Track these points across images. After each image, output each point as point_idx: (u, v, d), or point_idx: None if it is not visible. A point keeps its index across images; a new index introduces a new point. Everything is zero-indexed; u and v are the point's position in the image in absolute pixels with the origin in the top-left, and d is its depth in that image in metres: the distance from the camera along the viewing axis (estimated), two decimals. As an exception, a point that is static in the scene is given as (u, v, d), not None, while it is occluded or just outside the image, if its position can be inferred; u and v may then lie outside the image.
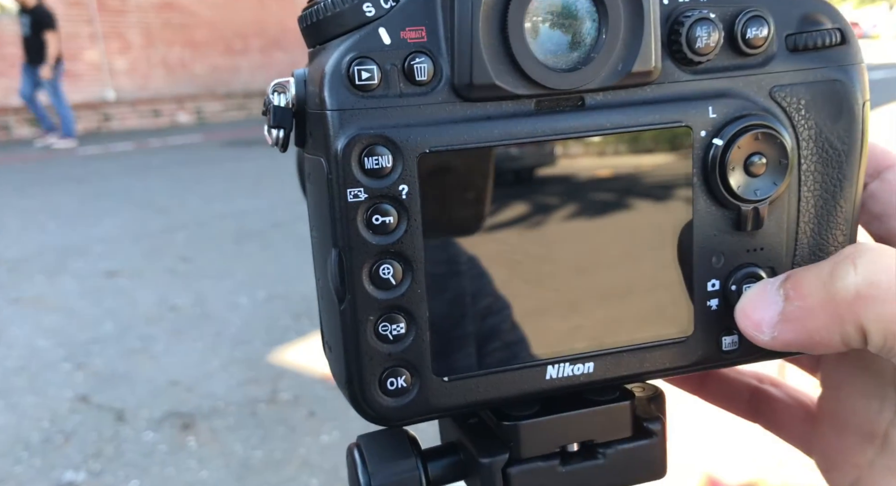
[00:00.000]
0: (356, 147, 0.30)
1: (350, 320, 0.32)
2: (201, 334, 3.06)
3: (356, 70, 0.30)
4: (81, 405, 2.49)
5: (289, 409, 2.41)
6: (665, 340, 0.35)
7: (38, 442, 2.25)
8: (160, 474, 2.08)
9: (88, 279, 3.84)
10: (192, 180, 6.50)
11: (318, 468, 2.08)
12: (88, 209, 5.49)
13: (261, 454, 2.15)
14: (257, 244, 4.37)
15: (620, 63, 0.32)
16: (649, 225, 0.34)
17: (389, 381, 0.32)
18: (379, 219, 0.31)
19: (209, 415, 2.39)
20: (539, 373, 0.34)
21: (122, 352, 2.91)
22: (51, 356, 2.88)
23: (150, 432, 2.30)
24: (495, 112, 0.32)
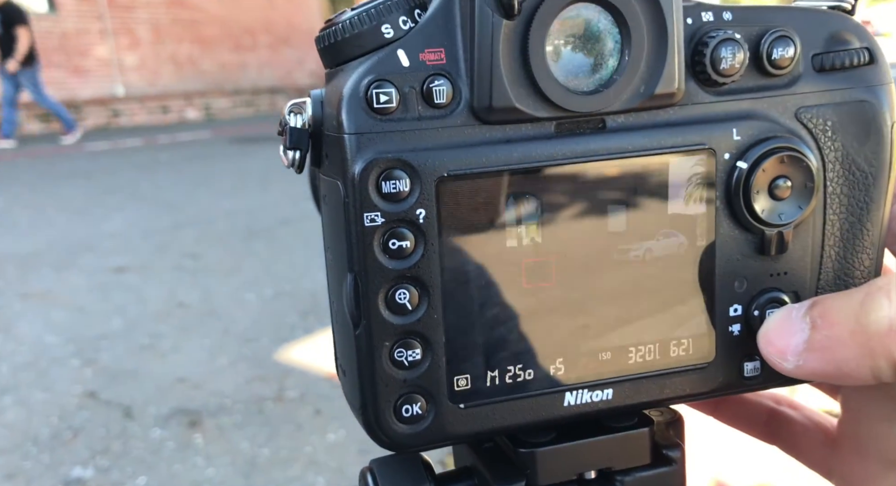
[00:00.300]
0: (374, 171, 0.30)
1: (365, 345, 0.31)
2: (209, 331, 3.07)
3: (374, 93, 0.30)
4: (90, 401, 2.50)
5: (295, 407, 2.42)
6: (686, 365, 0.35)
7: (47, 438, 2.27)
8: (167, 471, 2.09)
9: (97, 275, 3.86)
10: (200, 177, 6.52)
11: (324, 466, 2.08)
12: (97, 205, 5.51)
13: (267, 452, 2.16)
14: (265, 241, 4.38)
15: (643, 85, 0.32)
16: (671, 249, 0.33)
17: (405, 408, 0.32)
18: (396, 243, 0.30)
19: (216, 412, 2.39)
20: (557, 400, 0.33)
21: (131, 348, 2.92)
22: (59, 352, 2.89)
23: (157, 429, 2.31)
24: (515, 135, 0.31)
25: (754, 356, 0.35)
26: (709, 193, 0.33)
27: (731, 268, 0.34)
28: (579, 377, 0.33)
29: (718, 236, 0.34)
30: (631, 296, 0.33)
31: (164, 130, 10.24)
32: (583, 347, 0.33)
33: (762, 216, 0.33)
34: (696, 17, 0.33)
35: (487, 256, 0.32)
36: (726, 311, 0.35)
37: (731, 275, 0.34)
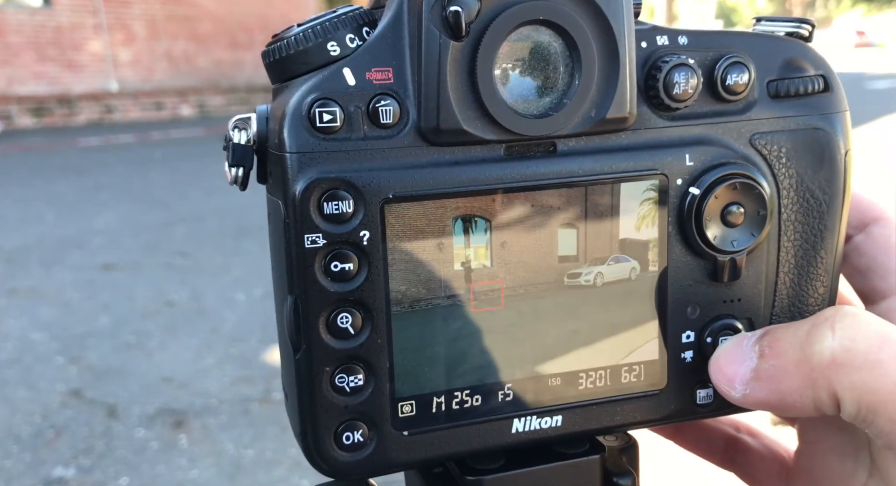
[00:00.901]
0: (315, 191, 0.29)
1: (305, 370, 0.31)
2: (196, 330, 3.05)
3: (317, 111, 0.29)
4: (74, 399, 2.48)
5: (281, 409, 2.39)
6: (637, 392, 0.34)
7: (29, 436, 2.24)
8: (151, 472, 2.07)
9: (85, 272, 3.83)
10: (192, 174, 6.49)
11: (308, 469, 2.06)
12: (88, 201, 5.48)
13: (252, 454, 2.14)
14: (256, 241, 4.36)
15: (594, 109, 0.31)
16: (622, 274, 0.33)
17: (346, 435, 0.31)
18: (338, 266, 0.30)
19: (202, 413, 2.38)
20: (504, 426, 0.33)
21: (117, 347, 2.90)
22: (44, 349, 2.87)
23: (141, 428, 2.29)
24: (463, 157, 0.31)
25: (707, 383, 0.35)
26: (661, 218, 0.33)
27: (684, 294, 0.34)
28: (528, 404, 0.33)
29: (671, 262, 0.33)
30: (581, 321, 0.33)
31: (158, 126, 10.20)
32: (532, 372, 0.33)
33: (714, 243, 0.33)
34: (651, 41, 0.32)
35: (434, 279, 0.31)
36: (679, 337, 0.34)
37: (684, 301, 0.34)
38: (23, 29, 9.95)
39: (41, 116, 10.13)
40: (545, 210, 0.32)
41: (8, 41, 9.84)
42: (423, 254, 0.31)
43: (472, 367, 0.32)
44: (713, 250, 0.33)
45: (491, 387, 0.32)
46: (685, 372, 0.35)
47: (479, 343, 0.32)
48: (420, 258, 0.31)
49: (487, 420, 0.32)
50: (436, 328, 0.31)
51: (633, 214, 0.33)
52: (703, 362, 0.34)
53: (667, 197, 0.33)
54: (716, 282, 0.34)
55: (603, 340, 0.33)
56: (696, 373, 0.35)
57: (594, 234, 0.32)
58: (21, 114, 10.05)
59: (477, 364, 0.32)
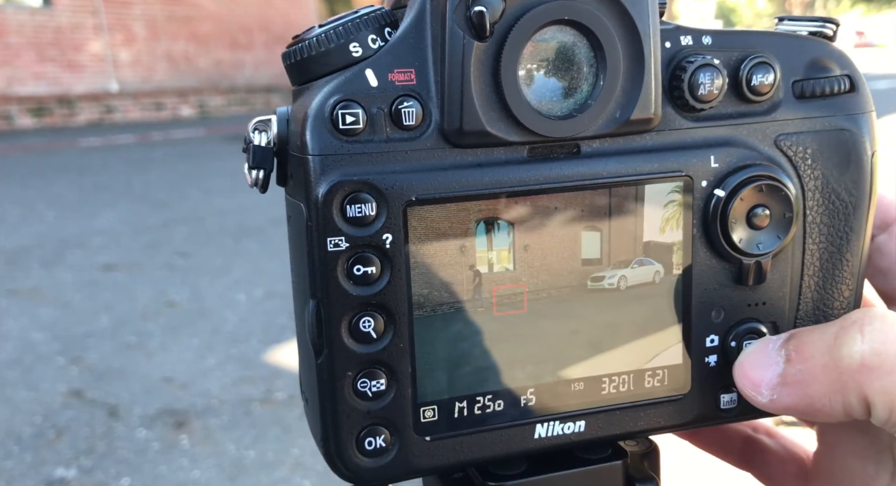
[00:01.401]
0: (338, 194, 0.29)
1: (327, 374, 0.30)
2: (197, 330, 3.05)
3: (340, 114, 0.29)
4: (75, 399, 2.48)
5: (283, 409, 2.40)
6: (661, 397, 0.34)
7: (30, 437, 2.24)
8: (152, 472, 2.07)
9: (86, 272, 3.83)
10: (192, 175, 6.49)
11: (311, 469, 2.07)
12: (88, 201, 5.48)
13: (254, 455, 2.14)
14: (256, 241, 4.36)
15: (619, 110, 0.31)
16: (646, 277, 0.33)
17: (368, 440, 0.31)
18: (360, 269, 0.29)
19: (203, 413, 2.37)
20: (527, 432, 0.33)
21: (118, 347, 2.89)
22: (45, 350, 2.87)
23: (142, 429, 2.29)
24: (486, 159, 0.31)
25: (731, 388, 0.34)
26: (685, 220, 0.33)
27: (708, 297, 0.34)
28: (551, 409, 0.33)
29: (695, 265, 0.33)
30: (604, 325, 0.33)
31: (158, 127, 10.19)
32: (555, 377, 0.32)
33: (740, 246, 0.33)
34: (675, 41, 0.32)
35: (457, 283, 0.31)
36: (703, 341, 0.34)
37: (708, 304, 0.34)
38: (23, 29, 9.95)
39: (41, 116, 10.12)
40: (568, 212, 0.31)
41: (8, 41, 9.84)
42: (446, 257, 0.30)
43: (494, 372, 0.32)
44: (738, 252, 0.33)
45: (513, 392, 0.32)
46: (709, 376, 0.34)
47: (502, 348, 0.32)
48: (442, 262, 0.30)
49: (510, 425, 0.32)
50: (458, 332, 0.31)
51: (657, 217, 0.32)
52: (727, 366, 0.34)
53: (691, 199, 0.32)
54: (740, 285, 0.34)
55: (626, 344, 0.33)
56: (721, 377, 0.34)
57: (618, 236, 0.32)
58: (21, 114, 10.05)
59: (499, 369, 0.32)
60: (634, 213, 0.32)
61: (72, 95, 10.46)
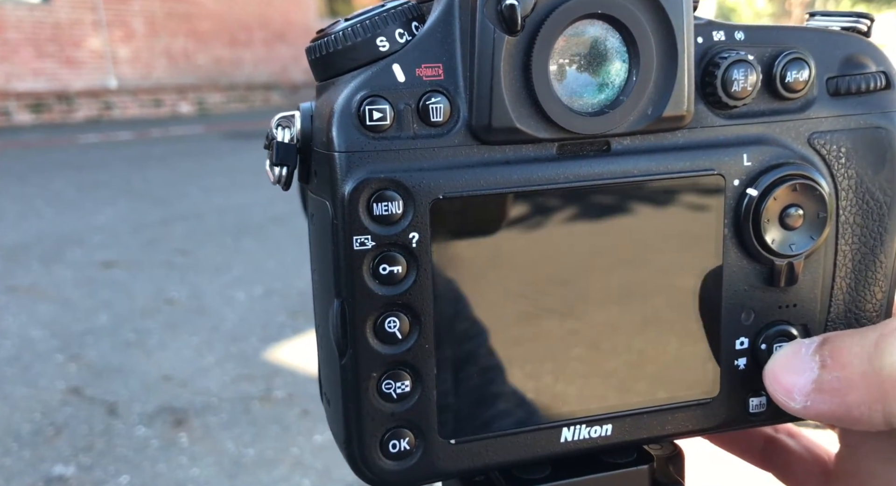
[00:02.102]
0: (364, 192, 0.28)
1: (351, 375, 0.30)
2: (196, 328, 3.04)
3: (367, 110, 0.28)
4: (73, 397, 2.47)
5: (282, 407, 2.40)
6: (688, 401, 0.33)
7: (29, 434, 2.24)
8: (151, 470, 2.06)
9: (85, 269, 3.82)
10: (191, 172, 6.48)
11: (310, 468, 2.07)
12: (87, 198, 5.46)
13: (253, 453, 2.14)
14: (255, 239, 4.35)
15: (651, 107, 0.30)
16: (674, 279, 0.32)
17: (392, 443, 0.30)
18: (386, 269, 0.29)
19: (202, 411, 2.37)
20: (553, 435, 0.32)
21: (117, 345, 2.89)
22: (44, 347, 2.86)
23: (141, 427, 2.28)
24: (514, 156, 0.30)
25: (760, 392, 0.34)
26: (717, 220, 0.32)
27: (738, 299, 0.33)
28: (578, 412, 0.32)
29: (726, 266, 0.32)
30: (633, 326, 0.32)
31: (157, 123, 10.17)
32: (581, 379, 0.32)
33: (772, 246, 0.32)
34: (707, 36, 0.31)
35: (484, 282, 0.30)
36: (732, 344, 0.33)
37: (738, 306, 0.33)
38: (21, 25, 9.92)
39: (40, 112, 10.10)
40: (598, 212, 0.31)
41: (6, 37, 9.81)
42: (473, 256, 0.30)
43: (520, 373, 0.31)
44: (770, 253, 0.32)
45: (540, 395, 0.32)
46: (738, 380, 0.34)
47: (529, 349, 0.31)
48: (469, 261, 0.30)
49: (536, 429, 0.32)
50: (484, 334, 0.30)
51: (687, 216, 0.32)
52: (756, 369, 0.33)
53: (723, 198, 0.32)
54: (771, 286, 0.33)
55: (655, 345, 0.32)
56: (750, 381, 0.34)
57: (648, 236, 0.31)
58: (19, 110, 10.02)
59: (525, 371, 0.31)
60: (665, 212, 0.31)
61: (70, 92, 10.43)
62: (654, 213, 0.31)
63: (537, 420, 0.32)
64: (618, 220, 0.31)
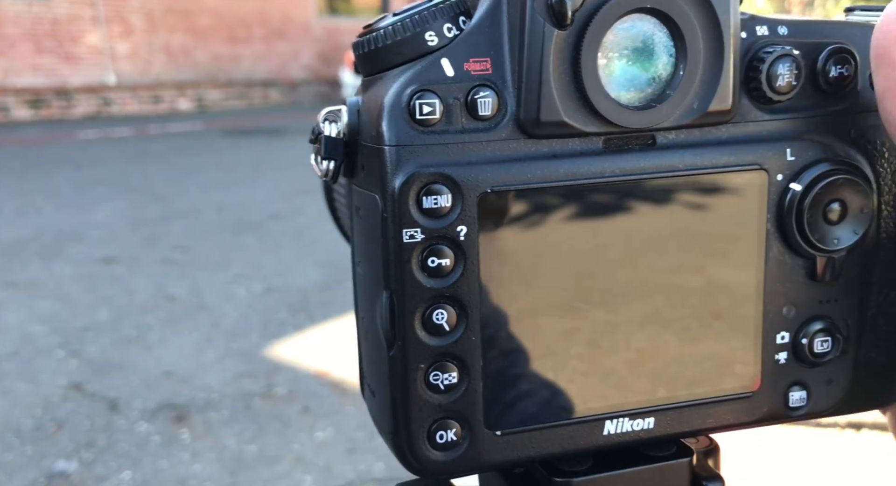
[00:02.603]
0: (414, 185, 0.29)
1: (399, 367, 0.30)
2: (197, 324, 3.04)
3: (417, 104, 0.29)
4: (74, 393, 2.47)
5: (283, 404, 2.40)
6: (729, 394, 0.33)
7: (30, 430, 2.24)
8: (153, 466, 2.07)
9: (84, 265, 3.82)
10: (190, 169, 6.47)
11: (311, 465, 2.07)
12: (86, 194, 5.45)
13: (254, 449, 2.14)
14: (255, 235, 4.35)
15: (696, 101, 0.30)
16: (717, 273, 0.32)
17: (439, 434, 0.31)
18: (435, 261, 0.29)
19: (203, 408, 2.37)
20: (597, 428, 0.32)
21: (117, 340, 2.89)
22: (44, 343, 2.86)
23: (143, 423, 2.28)
24: (561, 150, 0.30)
25: (800, 385, 0.34)
26: (760, 215, 0.32)
27: (780, 293, 0.33)
28: (621, 405, 0.32)
29: (768, 260, 0.33)
30: (676, 320, 0.32)
31: (156, 120, 10.16)
32: (624, 372, 0.32)
33: (814, 241, 0.32)
34: (751, 31, 0.31)
35: (530, 276, 0.30)
36: (773, 338, 0.33)
37: (780, 300, 0.33)
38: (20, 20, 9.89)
39: (38, 108, 10.07)
40: (643, 205, 0.31)
41: (5, 32, 9.78)
42: (519, 250, 0.30)
43: (565, 366, 0.32)
44: (813, 248, 0.32)
45: (584, 387, 0.32)
46: (779, 374, 0.34)
47: (574, 343, 0.31)
48: (515, 254, 0.30)
49: (580, 421, 0.32)
50: (529, 326, 0.31)
51: (731, 210, 0.32)
52: (797, 363, 0.34)
53: (766, 193, 0.32)
54: (814, 281, 0.33)
55: (697, 339, 0.33)
56: (790, 374, 0.34)
57: (691, 230, 0.32)
58: (18, 106, 9.99)
59: (571, 364, 0.32)
60: (708, 206, 0.32)
61: (69, 88, 10.40)
62: (698, 206, 0.32)
63: (581, 413, 0.32)
64: (662, 213, 0.31)
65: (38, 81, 10.14)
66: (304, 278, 3.59)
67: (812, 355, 0.34)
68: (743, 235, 0.32)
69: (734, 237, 0.32)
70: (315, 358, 2.71)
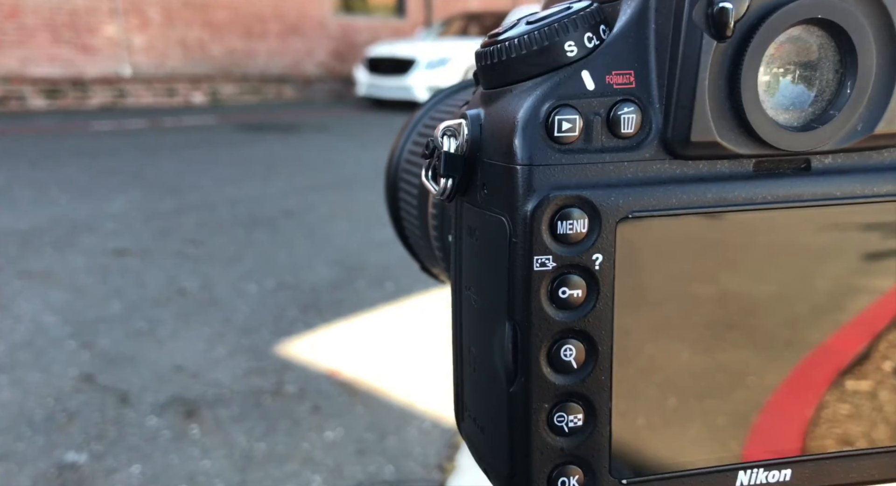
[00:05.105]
0: (549, 209, 0.26)
1: (521, 405, 0.28)
2: (208, 319, 3.04)
3: (556, 120, 0.26)
4: (86, 384, 2.48)
5: (294, 402, 2.40)
6: (878, 448, 0.31)
7: (42, 420, 2.24)
8: (162, 461, 2.07)
9: (97, 257, 3.83)
10: (204, 162, 6.48)
11: (321, 464, 2.06)
12: (100, 185, 5.48)
13: (264, 447, 2.14)
14: (267, 231, 4.36)
15: (861, 123, 0.27)
16: (872, 313, 0.29)
17: (561, 480, 0.28)
18: (566, 292, 0.27)
19: (213, 404, 2.37)
20: (729, 479, 0.30)
21: (129, 333, 2.90)
22: (57, 333, 2.87)
23: (153, 417, 2.29)
24: (709, 173, 0.27)
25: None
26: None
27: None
28: (757, 455, 0.30)
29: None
30: (821, 369, 0.30)
31: (170, 113, 10.18)
32: (764, 420, 0.30)
33: None
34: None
35: (668, 311, 0.28)
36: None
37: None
38: (39, 10, 9.95)
39: (54, 98, 10.13)
40: (796, 236, 0.28)
41: (23, 22, 9.84)
42: (658, 281, 0.28)
43: (701, 412, 0.29)
44: None
45: (719, 435, 0.29)
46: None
47: (712, 386, 0.29)
48: (654, 286, 0.28)
49: (712, 471, 0.29)
50: (665, 367, 0.28)
51: (889, 244, 0.29)
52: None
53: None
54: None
55: (846, 384, 0.30)
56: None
57: (849, 265, 0.29)
58: (34, 95, 10.05)
59: (707, 409, 0.29)
60: (866, 238, 0.29)
61: (85, 79, 10.46)
62: (853, 239, 0.29)
63: (713, 462, 0.30)
64: (817, 246, 0.29)
65: (55, 72, 10.20)
66: (316, 276, 3.59)
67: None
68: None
69: (892, 275, 0.29)
70: (326, 357, 2.71)
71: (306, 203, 4.92)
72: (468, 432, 0.33)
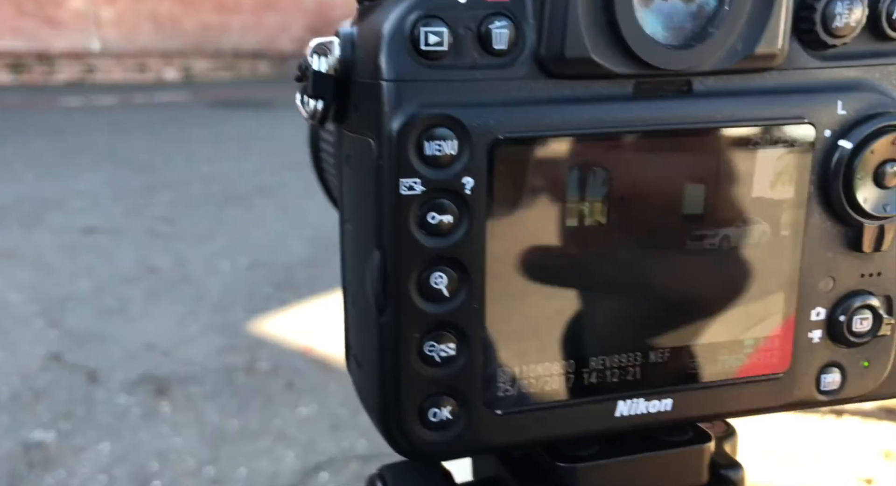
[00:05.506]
0: (415, 128, 0.25)
1: (391, 335, 0.27)
2: (180, 297, 3.00)
3: (422, 32, 0.25)
4: (53, 363, 2.43)
5: (266, 379, 2.38)
6: (756, 375, 0.31)
7: (7, 399, 2.20)
8: (132, 438, 2.04)
9: (66, 234, 3.75)
10: (176, 140, 6.36)
11: (294, 440, 2.06)
12: (68, 162, 5.35)
13: (236, 424, 2.12)
14: (241, 209, 4.30)
15: (741, 42, 0.27)
16: (750, 238, 0.29)
17: (432, 411, 0.28)
18: (435, 217, 0.26)
19: (185, 381, 2.35)
20: (608, 408, 0.29)
21: (98, 311, 2.84)
22: (23, 312, 2.81)
23: (123, 394, 2.25)
24: (586, 93, 0.26)
25: (834, 367, 0.31)
26: (801, 175, 0.29)
27: (818, 264, 0.30)
28: (635, 384, 0.29)
29: (808, 227, 0.29)
30: (701, 291, 0.29)
31: (141, 89, 9.95)
32: (641, 347, 0.29)
33: (863, 206, 0.29)
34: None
35: (542, 238, 0.27)
36: (807, 314, 0.31)
37: (817, 273, 0.30)
38: (2, -19, 9.62)
39: (20, 73, 9.84)
40: (672, 160, 0.28)
41: (-14, -6, 9.50)
42: (532, 207, 0.27)
43: (576, 340, 0.29)
44: (860, 214, 0.29)
45: (596, 364, 0.29)
46: (811, 354, 0.31)
47: (587, 314, 0.28)
48: (527, 212, 0.27)
49: (590, 401, 0.29)
50: (539, 295, 0.28)
51: (769, 169, 0.29)
52: (831, 342, 0.31)
53: (811, 150, 0.29)
54: (856, 252, 0.30)
55: (722, 312, 0.30)
56: (824, 355, 0.31)
57: (724, 190, 0.28)
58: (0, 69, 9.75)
59: (582, 338, 0.29)
60: (745, 164, 0.28)
61: (51, 53, 10.16)
62: (733, 165, 0.28)
63: (591, 391, 0.29)
64: (692, 171, 0.28)
65: (19, 45, 9.89)
66: (290, 254, 3.55)
67: (850, 333, 0.31)
68: (781, 198, 0.29)
69: (773, 200, 0.29)
70: (299, 334, 2.69)
71: (281, 180, 4.86)
72: (351, 370, 0.32)
